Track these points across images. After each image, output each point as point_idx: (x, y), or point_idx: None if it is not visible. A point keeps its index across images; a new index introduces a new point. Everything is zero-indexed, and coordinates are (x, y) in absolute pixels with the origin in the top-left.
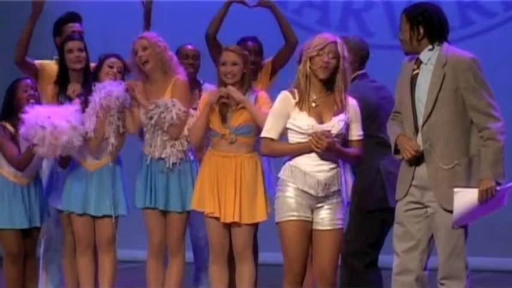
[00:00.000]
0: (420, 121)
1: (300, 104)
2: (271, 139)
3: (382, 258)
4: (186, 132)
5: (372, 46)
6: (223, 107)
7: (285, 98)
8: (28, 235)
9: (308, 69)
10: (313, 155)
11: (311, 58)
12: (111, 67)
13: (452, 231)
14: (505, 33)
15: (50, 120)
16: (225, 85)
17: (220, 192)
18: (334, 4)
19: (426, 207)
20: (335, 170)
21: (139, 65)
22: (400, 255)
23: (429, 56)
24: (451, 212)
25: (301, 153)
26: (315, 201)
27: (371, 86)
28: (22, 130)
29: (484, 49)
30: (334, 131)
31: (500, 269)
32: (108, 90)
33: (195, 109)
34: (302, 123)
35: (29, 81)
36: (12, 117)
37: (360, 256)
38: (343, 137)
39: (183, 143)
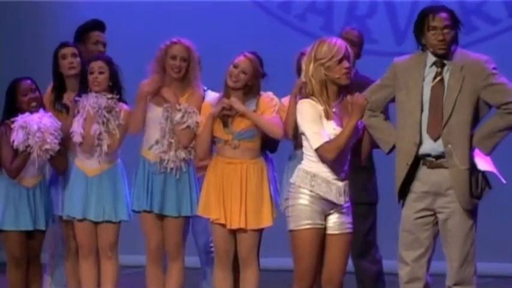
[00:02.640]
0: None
1: (326, 112)
2: (326, 142)
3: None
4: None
5: (375, 53)
6: (225, 114)
7: (311, 103)
8: (32, 238)
9: (323, 76)
10: (330, 162)
11: (326, 66)
12: (91, 73)
13: (467, 238)
14: (509, 40)
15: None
16: (227, 89)
17: (226, 198)
18: (337, 10)
19: (436, 213)
20: (347, 176)
21: (164, 66)
22: (409, 263)
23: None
24: (469, 212)
25: (352, 132)
26: (329, 207)
27: None
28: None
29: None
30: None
31: (503, 275)
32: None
33: None
34: (331, 132)
35: (28, 82)
36: (16, 117)
37: None
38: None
39: (186, 153)
